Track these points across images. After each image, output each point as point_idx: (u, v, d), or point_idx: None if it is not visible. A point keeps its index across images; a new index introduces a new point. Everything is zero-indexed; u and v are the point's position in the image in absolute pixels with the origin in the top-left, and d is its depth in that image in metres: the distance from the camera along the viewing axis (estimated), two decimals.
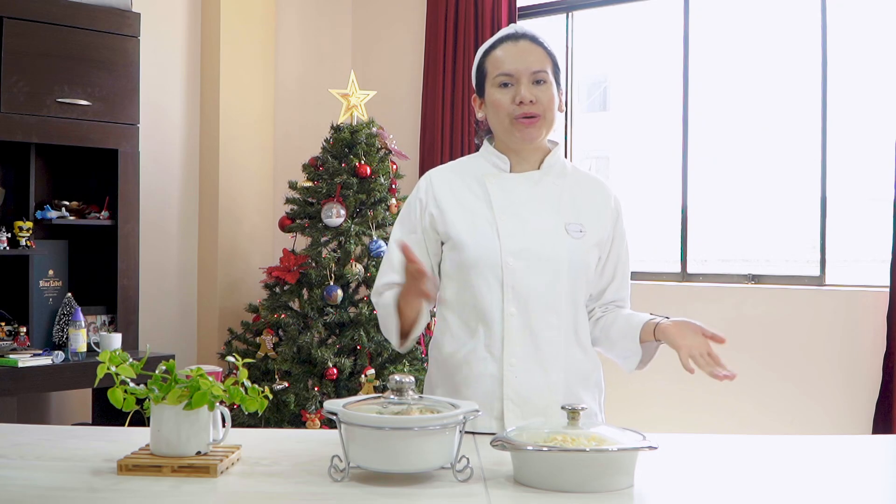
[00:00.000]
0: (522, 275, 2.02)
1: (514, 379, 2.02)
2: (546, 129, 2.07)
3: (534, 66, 2.04)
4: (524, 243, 2.03)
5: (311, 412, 4.23)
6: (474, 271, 2.04)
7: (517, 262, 2.02)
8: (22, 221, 4.10)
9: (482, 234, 2.04)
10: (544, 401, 2.02)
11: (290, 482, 1.60)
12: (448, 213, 2.08)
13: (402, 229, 2.14)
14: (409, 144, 5.34)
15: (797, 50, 4.96)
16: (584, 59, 5.41)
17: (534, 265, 2.02)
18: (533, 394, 2.02)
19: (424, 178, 2.16)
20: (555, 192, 2.09)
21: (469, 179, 2.12)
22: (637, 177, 6.81)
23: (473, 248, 2.04)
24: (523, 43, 2.07)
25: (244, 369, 1.75)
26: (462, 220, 2.07)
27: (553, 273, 2.03)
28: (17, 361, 3.81)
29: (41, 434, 1.98)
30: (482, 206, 2.07)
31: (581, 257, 2.05)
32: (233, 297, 5.11)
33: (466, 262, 2.05)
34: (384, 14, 5.74)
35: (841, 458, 1.91)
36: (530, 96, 2.02)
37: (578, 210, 2.09)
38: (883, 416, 4.06)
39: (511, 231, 2.04)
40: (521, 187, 2.08)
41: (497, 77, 2.06)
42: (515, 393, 2.02)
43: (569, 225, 2.06)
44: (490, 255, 2.02)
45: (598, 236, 2.09)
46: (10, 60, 3.96)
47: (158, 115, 4.92)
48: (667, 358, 1.95)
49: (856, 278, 4.47)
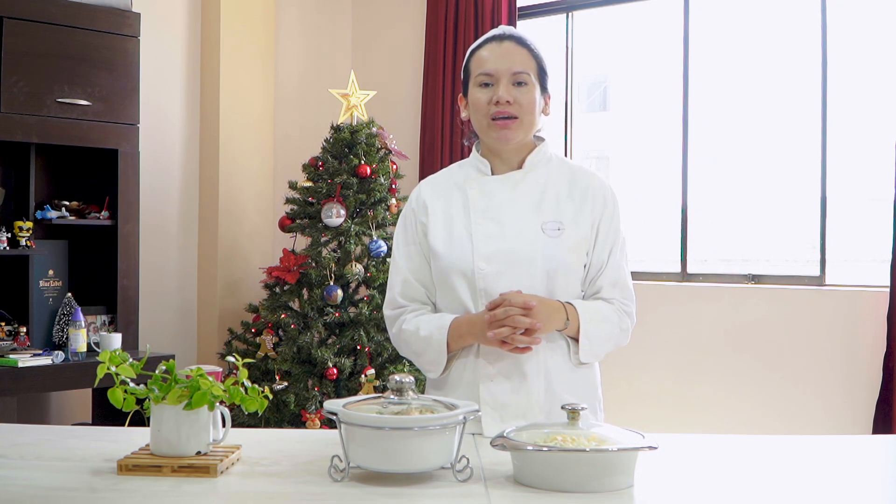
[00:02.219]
0: (494, 279, 2.01)
1: (491, 383, 2.02)
2: (524, 131, 2.06)
3: (515, 67, 2.03)
4: (497, 247, 2.03)
5: (311, 412, 4.23)
6: (451, 278, 2.05)
7: (489, 267, 2.02)
8: (22, 221, 4.10)
9: (457, 241, 2.06)
10: (523, 406, 2.01)
11: (290, 482, 1.60)
12: (431, 223, 2.10)
13: (403, 240, 2.16)
14: (409, 144, 5.34)
15: (797, 50, 4.96)
16: (584, 59, 5.41)
17: (506, 268, 2.01)
18: (511, 399, 2.01)
19: (416, 189, 2.19)
20: (536, 190, 2.08)
21: (453, 187, 2.13)
22: (637, 177, 6.81)
23: (447, 255, 2.05)
24: (507, 44, 2.07)
25: (244, 369, 1.75)
26: (442, 229, 2.09)
27: (528, 275, 2.01)
28: (17, 361, 3.81)
29: (41, 434, 1.98)
30: (461, 212, 2.08)
31: (559, 256, 2.02)
32: (233, 297, 5.11)
33: (443, 270, 2.07)
34: (384, 14, 5.74)
35: (841, 458, 1.91)
36: (507, 97, 2.01)
37: (560, 206, 2.06)
38: (883, 416, 4.06)
39: (485, 235, 2.04)
40: (500, 190, 2.08)
41: (478, 76, 2.06)
42: (493, 398, 2.01)
43: (546, 224, 2.04)
44: (462, 261, 2.03)
45: (581, 231, 2.05)
46: (10, 60, 3.96)
47: (158, 115, 4.92)
48: (668, 358, 1.94)
49: (856, 278, 4.47)
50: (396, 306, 2.13)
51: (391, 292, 2.15)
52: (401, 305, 2.13)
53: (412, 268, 2.12)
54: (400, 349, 2.16)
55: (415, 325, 2.07)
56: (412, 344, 2.09)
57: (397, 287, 2.13)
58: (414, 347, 2.09)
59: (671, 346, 4.64)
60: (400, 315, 2.12)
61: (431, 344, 2.04)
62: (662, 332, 4.64)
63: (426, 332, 2.05)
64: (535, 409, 2.01)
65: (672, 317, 4.65)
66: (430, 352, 2.05)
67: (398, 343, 2.14)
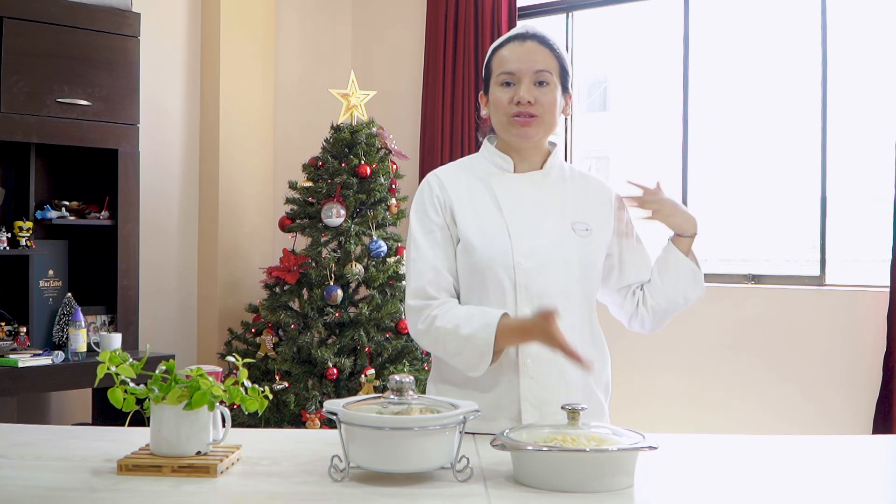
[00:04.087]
0: (535, 275, 2.00)
1: (531, 381, 1.99)
2: (544, 130, 2.06)
3: (536, 66, 2.03)
4: (535, 243, 2.01)
5: (311, 412, 4.23)
6: (487, 273, 2.00)
7: (529, 263, 1.99)
8: (22, 221, 4.10)
9: (493, 235, 2.02)
10: (562, 401, 1.99)
11: (290, 482, 1.60)
12: (458, 212, 2.05)
13: (426, 228, 2.05)
14: (409, 144, 5.34)
15: (797, 50, 4.96)
16: (584, 59, 5.41)
17: (545, 265, 2.00)
18: (551, 395, 1.98)
19: (432, 176, 2.11)
20: (558, 192, 2.09)
21: (473, 179, 2.10)
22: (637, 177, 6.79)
23: (485, 249, 2.00)
24: (530, 43, 2.06)
25: (244, 369, 1.75)
26: (472, 220, 2.04)
27: (565, 272, 2.01)
28: (17, 361, 3.81)
29: (41, 434, 1.98)
30: (490, 206, 2.05)
31: (590, 257, 2.05)
32: (233, 297, 5.11)
33: (479, 264, 2.01)
34: (384, 14, 5.74)
35: (841, 458, 1.91)
36: (529, 97, 2.01)
37: (583, 210, 2.08)
38: (883, 416, 4.06)
39: (521, 231, 2.02)
40: (526, 188, 2.07)
41: (500, 75, 2.05)
42: (533, 395, 1.99)
43: (575, 224, 2.05)
44: (502, 256, 2.00)
45: (604, 235, 2.09)
46: (10, 60, 3.96)
47: (158, 115, 4.92)
48: (667, 358, 1.95)
49: (856, 278, 4.47)
50: (426, 297, 1.99)
51: (419, 281, 2.00)
52: (431, 297, 1.99)
53: (440, 255, 2.02)
54: (427, 345, 2.02)
55: (452, 323, 1.94)
56: (449, 343, 1.94)
57: (427, 275, 2.00)
58: (451, 347, 1.95)
59: (671, 346, 4.64)
60: (426, 307, 1.99)
61: (475, 343, 1.90)
62: (662, 332, 4.60)
63: (468, 330, 1.91)
64: None
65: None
66: (472, 351, 1.92)
67: (428, 340, 1.99)
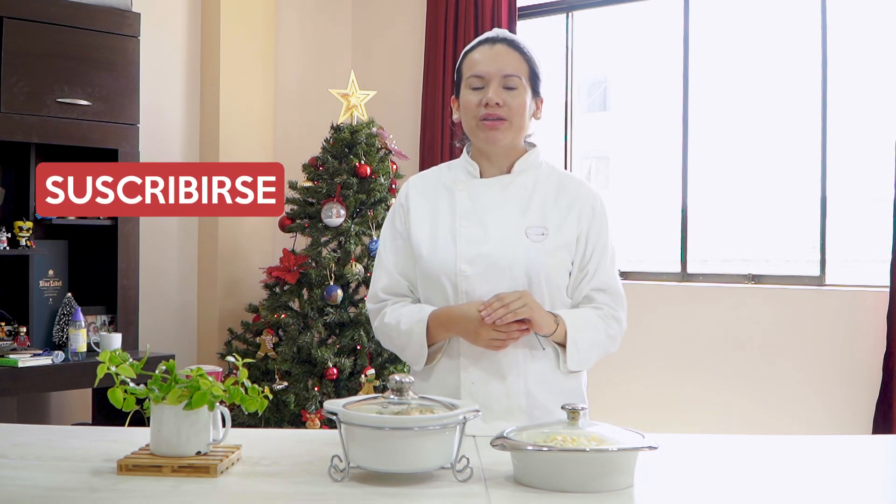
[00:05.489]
0: (477, 282, 2.02)
1: (471, 385, 2.03)
2: (513, 134, 2.06)
3: (505, 70, 2.04)
4: (481, 250, 2.03)
5: (311, 412, 4.23)
6: (433, 279, 2.06)
7: (471, 270, 2.02)
8: (22, 221, 4.09)
9: (441, 243, 2.06)
10: (503, 407, 2.02)
11: (290, 482, 1.60)
12: (414, 222, 2.11)
13: (391, 235, 2.16)
14: (409, 144, 5.34)
15: (797, 50, 4.95)
16: (584, 59, 5.40)
17: (489, 272, 2.02)
18: (491, 401, 2.01)
19: (405, 185, 2.19)
20: (523, 194, 2.08)
21: (441, 188, 2.13)
22: (637, 177, 6.80)
23: (431, 256, 2.06)
24: (499, 47, 2.07)
25: (244, 369, 1.75)
26: (425, 229, 2.09)
27: (510, 279, 2.01)
28: (17, 361, 3.80)
29: (41, 434, 1.99)
30: (447, 214, 2.09)
31: (541, 261, 2.02)
32: (233, 297, 5.11)
33: (426, 271, 2.07)
34: (384, 14, 5.74)
35: (841, 458, 1.91)
36: (497, 99, 2.02)
37: (546, 211, 2.06)
38: (883, 416, 4.06)
39: (469, 238, 2.04)
40: (488, 193, 2.09)
41: (469, 78, 2.07)
42: (473, 400, 1.99)
43: (530, 229, 2.04)
44: (446, 263, 2.04)
45: (565, 237, 2.05)
46: (10, 60, 3.96)
47: (158, 115, 4.91)
48: (668, 358, 1.94)
49: (856, 278, 4.47)
50: (378, 301, 2.14)
51: (374, 286, 2.15)
52: (382, 300, 2.13)
53: (397, 262, 2.13)
54: (383, 343, 2.16)
55: (395, 319, 2.08)
56: (394, 338, 2.10)
57: (381, 281, 2.14)
58: (396, 342, 2.10)
59: (671, 346, 4.64)
60: (382, 309, 2.13)
61: (413, 337, 2.04)
62: (663, 332, 4.65)
63: (406, 325, 2.05)
64: (517, 412, 2.02)
65: (672, 317, 4.65)
66: (412, 346, 2.05)
67: (380, 337, 2.15)
